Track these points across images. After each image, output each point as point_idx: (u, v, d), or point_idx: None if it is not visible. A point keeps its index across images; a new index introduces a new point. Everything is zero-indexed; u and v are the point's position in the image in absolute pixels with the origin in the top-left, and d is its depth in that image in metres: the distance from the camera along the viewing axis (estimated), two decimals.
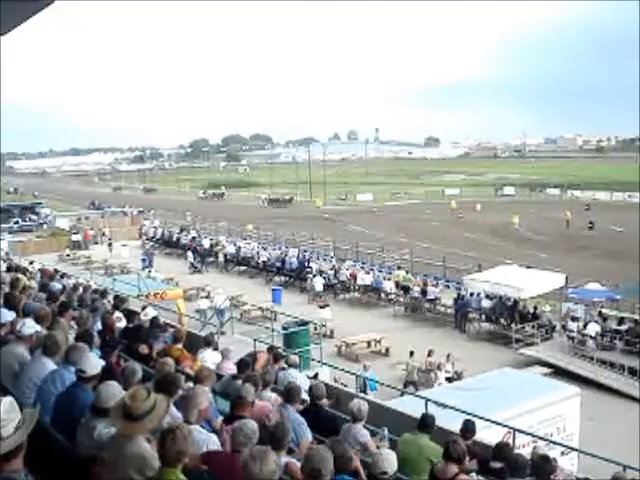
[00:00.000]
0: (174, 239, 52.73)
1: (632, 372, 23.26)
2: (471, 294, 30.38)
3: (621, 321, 26.11)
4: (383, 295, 35.11)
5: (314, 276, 36.26)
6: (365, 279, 35.60)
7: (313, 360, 18.30)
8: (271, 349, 12.07)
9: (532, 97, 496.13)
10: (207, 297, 32.50)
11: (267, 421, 6.77)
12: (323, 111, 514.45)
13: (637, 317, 27.75)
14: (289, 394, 7.88)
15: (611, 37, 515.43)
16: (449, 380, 21.48)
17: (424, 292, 32.59)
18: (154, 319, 12.73)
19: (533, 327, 27.26)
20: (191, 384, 7.39)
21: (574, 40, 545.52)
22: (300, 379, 10.31)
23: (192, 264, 44.88)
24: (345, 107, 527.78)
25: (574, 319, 26.69)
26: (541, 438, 11.44)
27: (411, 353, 22.81)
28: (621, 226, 61.92)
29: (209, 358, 11.57)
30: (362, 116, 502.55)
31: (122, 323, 12.06)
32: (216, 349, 12.30)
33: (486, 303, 29.69)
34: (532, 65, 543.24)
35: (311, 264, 39.36)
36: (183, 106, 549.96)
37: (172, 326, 14.15)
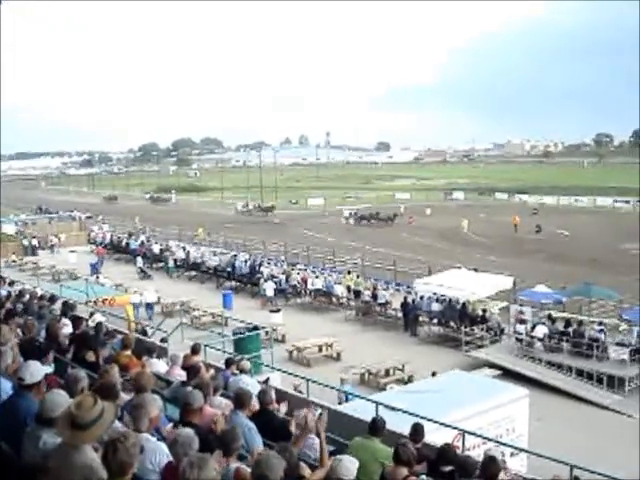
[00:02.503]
0: (123, 244, 52.12)
1: (579, 373, 23.71)
2: (421, 297, 30.64)
3: (568, 323, 26.56)
4: (334, 299, 35.20)
5: (265, 281, 36.15)
6: (316, 283, 35.61)
7: (264, 365, 18.22)
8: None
9: (481, 103, 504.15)
10: (138, 293, 32.80)
11: (215, 427, 6.71)
12: (274, 115, 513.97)
13: (583, 319, 28.31)
14: (239, 400, 7.82)
15: (560, 44, 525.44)
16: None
17: (375, 296, 32.73)
18: (101, 325, 12.54)
19: (482, 329, 27.58)
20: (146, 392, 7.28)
21: (522, 47, 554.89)
22: (251, 384, 10.24)
23: (141, 269, 44.41)
24: (296, 111, 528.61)
25: (522, 321, 27.06)
26: (490, 439, 11.52)
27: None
28: (567, 230, 63.13)
29: (158, 364, 11.44)
30: (313, 121, 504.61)
31: (68, 330, 11.84)
32: (160, 356, 12.17)
33: (436, 306, 29.96)
34: (482, 71, 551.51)
35: (262, 269, 39.23)
36: (132, 109, 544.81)
37: (121, 332, 13.96)
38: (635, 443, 18.68)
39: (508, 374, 23.42)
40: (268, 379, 13.32)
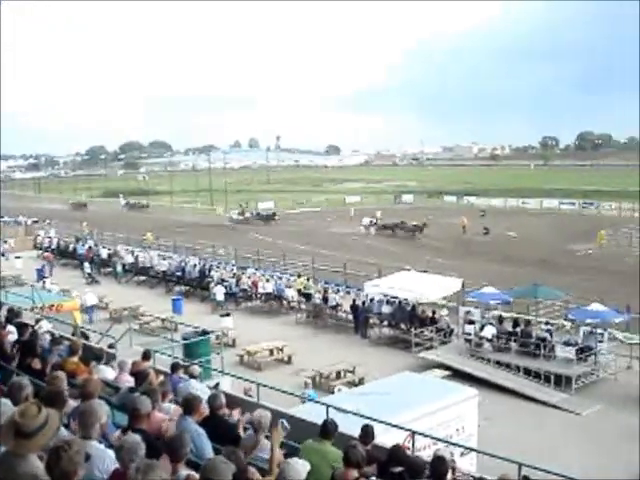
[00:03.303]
0: (70, 249, 51.30)
1: (527, 372, 24.07)
2: (371, 300, 30.78)
3: (516, 323, 26.95)
4: (285, 303, 35.16)
5: (215, 285, 35.95)
6: (267, 287, 35.53)
7: (214, 370, 18.11)
8: None
9: (430, 107, 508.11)
10: (77, 296, 32.46)
11: (164, 433, 6.65)
12: (224, 119, 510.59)
13: (531, 319, 28.78)
14: (188, 405, 7.75)
15: (507, 49, 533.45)
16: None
17: (325, 299, 32.80)
18: (47, 332, 12.31)
19: (432, 331, 27.81)
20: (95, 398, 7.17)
21: (471, 52, 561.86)
22: (200, 390, 10.16)
23: (89, 275, 43.79)
24: (246, 114, 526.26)
25: (471, 322, 27.37)
26: (440, 440, 11.61)
27: None
28: (515, 231, 64.08)
29: (106, 371, 11.29)
30: (263, 124, 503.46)
31: (14, 337, 11.61)
32: (108, 362, 12.01)
33: (386, 308, 30.14)
34: (430, 76, 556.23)
35: (212, 273, 39.02)
36: (79, 112, 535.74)
37: (68, 339, 13.73)
38: (582, 440, 19.10)
39: (457, 374, 23.66)
40: (218, 384, 13.25)
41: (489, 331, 26.32)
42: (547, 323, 27.07)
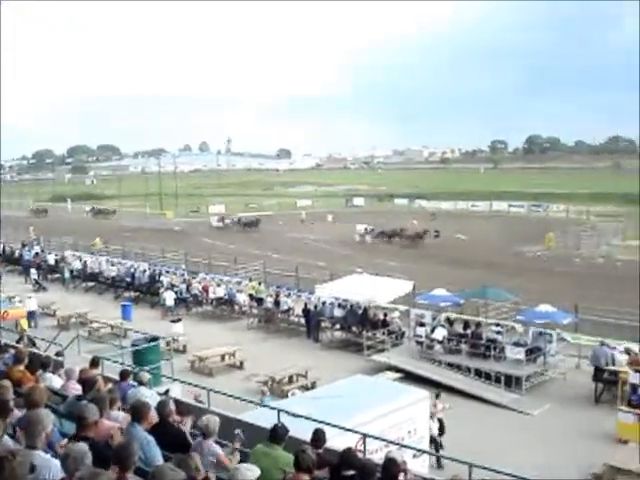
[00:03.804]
0: (16, 255, 50.26)
1: (478, 373, 24.28)
2: (323, 303, 30.78)
3: (466, 325, 27.20)
4: (236, 307, 34.94)
5: (165, 290, 35.60)
6: (217, 292, 35.29)
7: (164, 376, 17.88)
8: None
9: (381, 110, 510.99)
10: (20, 302, 31.75)
11: (112, 441, 6.52)
12: (174, 122, 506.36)
13: (481, 320, 29.07)
14: (137, 412, 7.63)
15: (456, 53, 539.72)
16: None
17: (277, 303, 32.71)
18: None
19: (383, 333, 27.89)
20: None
21: (422, 56, 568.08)
22: (150, 396, 10.02)
23: (36, 281, 42.98)
24: (197, 117, 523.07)
25: (422, 324, 27.54)
26: (392, 442, 11.61)
27: (437, 396, 19.45)
28: (465, 234, 64.83)
29: (53, 379, 11.07)
30: (214, 127, 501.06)
31: None
32: (55, 370, 11.78)
33: (338, 312, 30.16)
34: (382, 79, 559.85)
35: (162, 278, 38.63)
36: (24, 115, 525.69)
37: (13, 347, 13.44)
38: (533, 440, 19.33)
39: (409, 377, 23.75)
40: (168, 390, 13.07)
41: (440, 333, 26.51)
42: (497, 324, 27.37)
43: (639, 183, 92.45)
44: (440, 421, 18.61)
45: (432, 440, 17.92)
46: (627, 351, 23.69)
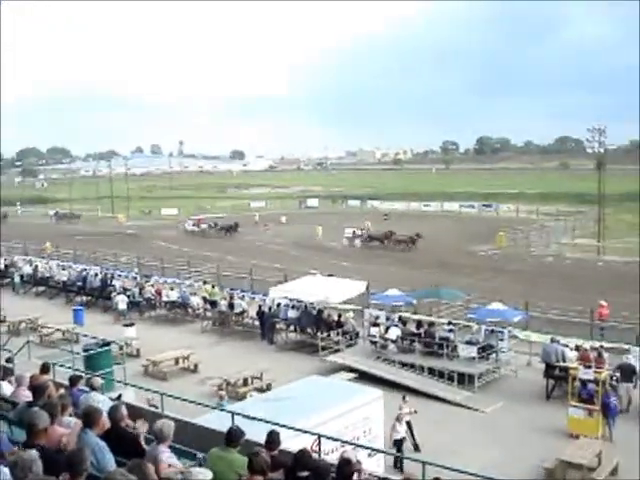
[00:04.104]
0: None
1: (431, 372, 24.49)
2: (278, 305, 30.75)
3: (419, 324, 27.43)
4: (190, 310, 34.67)
5: (118, 294, 35.18)
6: (171, 295, 34.99)
7: (117, 381, 17.71)
8: None
9: (334, 111, 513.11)
10: None
11: (63, 447, 6.43)
12: (125, 124, 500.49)
13: (433, 319, 29.37)
14: (88, 418, 7.53)
15: (409, 55, 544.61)
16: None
17: (231, 305, 32.54)
18: None
19: (338, 334, 27.96)
20: None
21: (373, 58, 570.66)
22: (102, 402, 9.90)
23: None
24: (148, 119, 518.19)
25: (376, 324, 27.69)
26: (346, 442, 11.67)
27: (404, 398, 19.52)
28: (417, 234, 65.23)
29: (2, 386, 10.87)
30: (166, 129, 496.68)
31: None
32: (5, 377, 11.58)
33: (292, 313, 30.14)
34: (334, 81, 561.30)
35: (114, 282, 38.18)
36: None
37: None
38: (486, 437, 19.58)
39: (364, 377, 23.83)
40: (120, 395, 12.94)
41: (394, 333, 26.68)
42: (449, 323, 27.65)
43: (587, 183, 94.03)
44: (408, 424, 18.58)
45: (396, 443, 17.88)
46: (577, 348, 24.17)
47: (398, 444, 17.83)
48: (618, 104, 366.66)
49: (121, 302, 34.23)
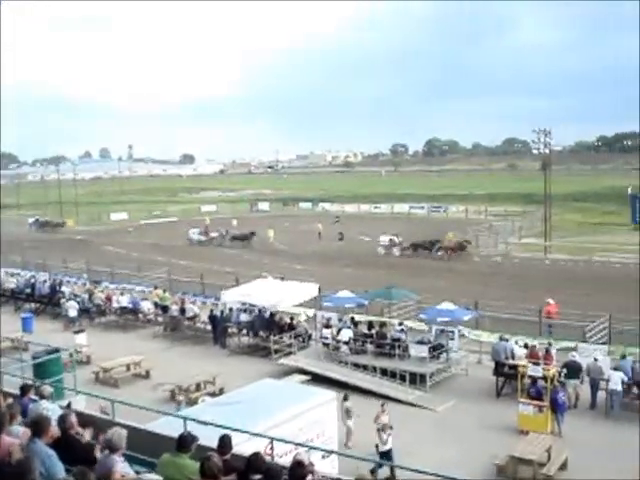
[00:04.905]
0: None
1: (384, 372, 24.67)
2: (230, 309, 30.67)
3: (370, 325, 27.61)
4: (141, 316, 34.34)
5: (67, 301, 34.69)
6: (121, 301, 34.59)
7: (67, 389, 17.46)
8: None
9: (284, 115, 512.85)
10: None
11: (10, 458, 6.35)
12: (73, 128, 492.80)
13: (385, 320, 29.58)
14: (37, 426, 7.45)
15: (359, 58, 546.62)
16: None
17: (183, 310, 32.34)
18: None
19: (290, 337, 27.99)
20: None
21: (325, 59, 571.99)
22: (52, 410, 9.79)
23: None
24: (96, 123, 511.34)
25: (328, 326, 27.79)
26: (300, 444, 11.70)
27: (382, 405, 19.14)
28: (368, 236, 65.63)
29: None
30: (115, 133, 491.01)
31: None
32: None
33: (244, 317, 30.09)
34: (284, 84, 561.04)
35: (63, 288, 37.64)
36: None
37: None
38: (439, 435, 19.81)
39: (317, 379, 23.88)
40: (70, 403, 12.80)
41: (346, 334, 26.79)
42: (401, 324, 27.89)
43: (534, 183, 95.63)
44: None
45: (383, 455, 16.98)
46: (526, 345, 24.58)
47: (386, 456, 16.97)
48: (563, 106, 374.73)
49: (71, 309, 33.76)
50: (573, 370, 22.08)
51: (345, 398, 19.51)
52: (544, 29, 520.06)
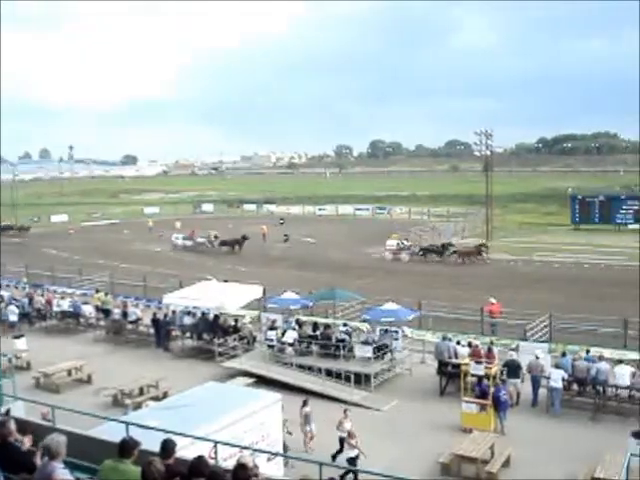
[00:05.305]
0: None
1: (329, 373, 24.69)
2: (173, 312, 30.40)
3: (315, 326, 27.67)
4: (83, 320, 33.78)
5: (6, 305, 33.91)
6: (62, 305, 33.99)
7: (6, 395, 17.10)
8: None
9: (228, 116, 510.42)
10: None
11: None
12: (11, 129, 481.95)
13: (329, 321, 29.67)
14: None
15: (303, 60, 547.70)
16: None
17: (125, 314, 31.93)
18: None
19: (235, 340, 27.87)
20: None
21: (268, 61, 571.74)
22: None
23: None
24: (36, 124, 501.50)
25: (273, 328, 27.76)
26: (244, 447, 11.66)
27: (345, 411, 19.02)
28: (313, 237, 65.84)
29: None
30: (55, 134, 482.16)
31: None
32: None
33: (188, 320, 29.85)
34: (225, 85, 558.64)
35: (2, 292, 36.79)
36: None
37: None
38: (384, 435, 19.93)
39: (262, 381, 23.86)
40: (9, 410, 12.52)
41: (291, 336, 26.81)
42: (345, 325, 28.01)
43: (476, 185, 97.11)
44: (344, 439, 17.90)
45: (351, 461, 16.97)
46: (469, 344, 24.91)
47: (352, 462, 16.91)
48: (505, 109, 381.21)
49: (11, 313, 32.99)
50: (513, 368, 22.45)
51: (304, 404, 19.49)
52: (485, 33, 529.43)
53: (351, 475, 16.15)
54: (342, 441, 17.90)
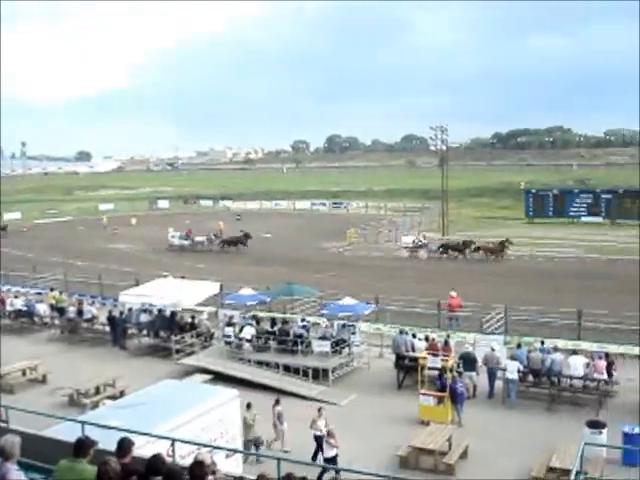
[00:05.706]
0: None
1: (287, 369, 24.74)
2: (129, 309, 30.13)
3: (273, 322, 27.67)
4: (37, 319, 33.28)
5: None
6: (15, 303, 33.47)
7: None
8: None
9: (182, 111, 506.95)
10: None
11: None
12: None
13: (287, 317, 29.68)
14: None
15: (260, 55, 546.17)
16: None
17: (80, 312, 31.54)
18: None
19: (192, 336, 27.71)
20: None
21: (224, 57, 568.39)
22: None
23: None
24: None
25: (230, 324, 27.67)
26: (202, 444, 11.61)
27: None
28: (270, 233, 65.79)
29: None
30: (7, 130, 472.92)
31: None
32: None
33: (144, 317, 29.62)
34: (179, 80, 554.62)
35: None
36: None
37: None
38: (343, 429, 19.96)
39: (220, 377, 23.79)
40: None
41: (248, 332, 26.76)
42: (303, 320, 28.04)
43: (432, 179, 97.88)
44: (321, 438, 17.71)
45: (329, 461, 16.77)
46: (426, 338, 25.11)
47: (332, 462, 16.69)
48: (460, 105, 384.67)
49: None
50: (468, 361, 22.73)
51: (276, 402, 19.46)
52: (440, 31, 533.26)
53: (328, 475, 16.14)
54: (318, 440, 17.89)
